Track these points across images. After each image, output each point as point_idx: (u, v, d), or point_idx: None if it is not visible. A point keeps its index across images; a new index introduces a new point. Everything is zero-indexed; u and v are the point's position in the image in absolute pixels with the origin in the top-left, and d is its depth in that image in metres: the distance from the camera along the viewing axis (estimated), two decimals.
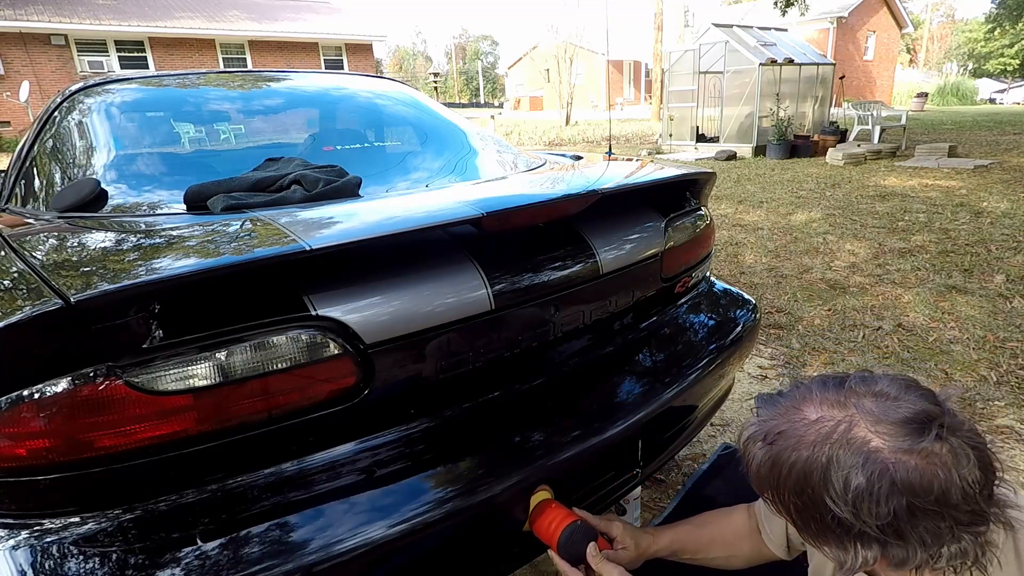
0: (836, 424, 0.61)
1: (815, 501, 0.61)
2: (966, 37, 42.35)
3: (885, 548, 0.59)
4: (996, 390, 2.25)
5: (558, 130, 17.85)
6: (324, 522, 0.85)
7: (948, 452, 0.58)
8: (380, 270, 0.98)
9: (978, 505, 0.58)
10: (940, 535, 0.58)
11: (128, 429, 0.79)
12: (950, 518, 0.57)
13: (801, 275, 3.69)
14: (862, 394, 0.63)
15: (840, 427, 0.61)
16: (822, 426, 0.62)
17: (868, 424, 0.60)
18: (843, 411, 0.62)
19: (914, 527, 0.58)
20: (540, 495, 1.04)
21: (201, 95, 1.90)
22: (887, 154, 8.98)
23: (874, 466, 0.58)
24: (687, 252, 1.52)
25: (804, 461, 0.61)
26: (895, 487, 0.57)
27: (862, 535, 0.60)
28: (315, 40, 18.93)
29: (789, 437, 0.63)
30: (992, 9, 24.43)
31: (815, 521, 0.63)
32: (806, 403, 0.65)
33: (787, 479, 0.63)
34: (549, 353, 1.23)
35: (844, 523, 0.60)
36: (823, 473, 0.60)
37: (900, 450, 0.58)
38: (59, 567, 0.76)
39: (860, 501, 0.58)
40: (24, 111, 14.02)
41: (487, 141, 2.00)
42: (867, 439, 0.59)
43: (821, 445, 0.61)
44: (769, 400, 0.69)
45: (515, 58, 39.43)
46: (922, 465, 0.57)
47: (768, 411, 0.68)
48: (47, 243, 1.06)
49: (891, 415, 0.60)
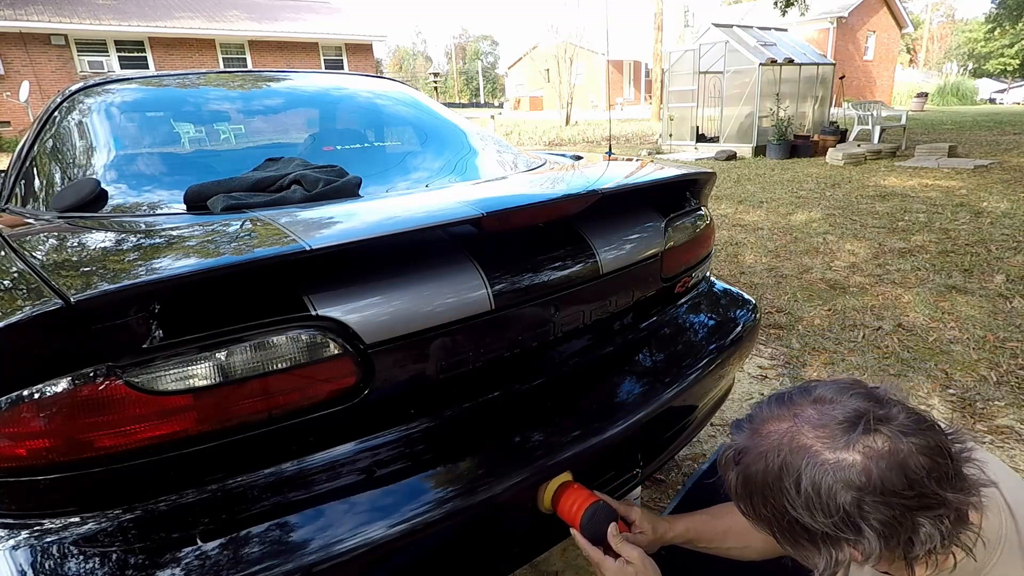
0: (782, 435, 0.66)
1: (779, 510, 0.65)
2: (966, 37, 42.36)
3: (849, 545, 0.63)
4: (996, 390, 2.25)
5: (558, 130, 17.85)
6: (324, 522, 0.85)
7: (884, 443, 0.62)
8: (380, 270, 0.98)
9: (927, 488, 0.61)
10: (895, 524, 0.61)
11: (128, 429, 0.79)
12: (899, 506, 0.60)
13: (801, 275, 3.69)
14: (803, 404, 0.69)
15: (786, 437, 0.66)
16: (773, 439, 0.67)
17: (808, 430, 0.65)
18: (788, 423, 0.67)
19: (865, 520, 0.61)
20: (562, 477, 1.06)
21: (201, 95, 1.90)
22: (887, 154, 8.99)
23: (816, 468, 0.62)
24: (687, 252, 1.52)
25: (763, 473, 0.66)
26: (837, 484, 0.61)
27: (825, 536, 0.63)
28: (315, 40, 18.93)
29: (750, 453, 0.69)
30: (992, 9, 24.43)
31: (787, 530, 0.67)
32: (763, 423, 0.70)
33: (754, 493, 0.68)
34: (549, 353, 1.23)
35: (807, 527, 0.64)
36: (778, 482, 0.65)
37: (838, 449, 0.63)
38: (59, 567, 0.76)
39: (811, 503, 0.62)
40: (24, 111, 14.02)
41: (487, 141, 2.00)
42: (809, 445, 0.64)
43: (774, 456, 0.66)
44: (738, 425, 0.75)
45: (515, 58, 39.44)
46: (860, 460, 0.61)
47: (737, 435, 0.73)
48: (47, 243, 1.06)
49: (827, 418, 0.65)
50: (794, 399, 0.70)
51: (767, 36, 10.87)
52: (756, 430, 0.70)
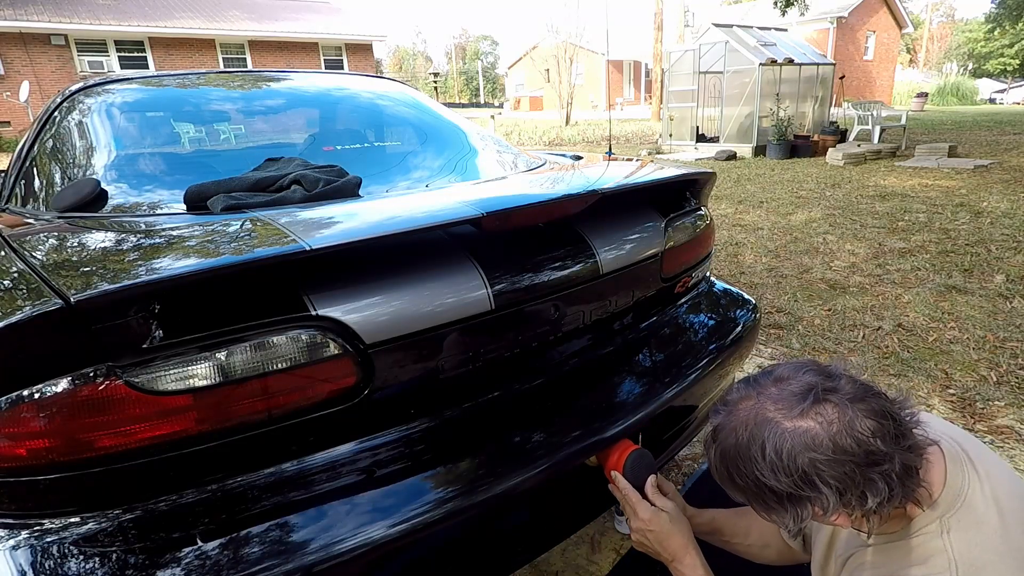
0: (749, 411, 0.76)
1: (750, 477, 0.74)
2: (966, 37, 42.31)
3: (810, 502, 0.71)
4: (996, 390, 2.25)
5: (558, 130, 17.84)
6: (324, 522, 0.85)
7: (833, 410, 0.71)
8: (380, 270, 0.98)
9: (873, 446, 0.70)
10: (847, 479, 0.69)
11: (128, 429, 0.79)
12: (849, 463, 0.69)
13: (801, 275, 3.69)
14: (766, 384, 0.78)
15: (752, 412, 0.76)
16: (741, 416, 0.77)
17: (770, 405, 0.75)
18: (754, 400, 0.77)
19: (821, 477, 0.70)
20: None
21: (201, 95, 1.90)
22: (887, 154, 8.98)
23: (777, 436, 0.72)
24: (687, 252, 1.52)
25: (735, 446, 0.76)
26: (795, 448, 0.71)
27: (790, 496, 0.72)
28: (315, 40, 18.93)
29: (724, 429, 0.78)
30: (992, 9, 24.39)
31: (759, 495, 0.75)
32: (735, 403, 0.79)
33: (729, 464, 0.77)
34: (549, 353, 1.23)
35: (774, 489, 0.72)
36: (747, 451, 0.74)
37: (794, 418, 0.72)
38: (59, 567, 0.76)
39: (775, 466, 0.71)
40: (24, 111, 14.02)
41: (487, 141, 2.00)
42: (771, 417, 0.74)
43: (743, 430, 0.75)
44: (715, 410, 0.83)
45: (515, 58, 39.39)
46: (813, 426, 0.71)
47: (715, 418, 0.82)
48: (47, 243, 1.06)
49: (785, 393, 0.75)
50: (759, 380, 0.80)
51: (767, 36, 10.87)
52: (729, 411, 0.79)
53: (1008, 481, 0.79)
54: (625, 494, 1.06)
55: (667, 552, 1.00)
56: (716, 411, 0.82)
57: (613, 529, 1.61)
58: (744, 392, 0.79)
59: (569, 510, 1.19)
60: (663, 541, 1.00)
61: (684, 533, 1.01)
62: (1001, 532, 0.73)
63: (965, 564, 0.72)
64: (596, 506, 1.26)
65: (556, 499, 1.15)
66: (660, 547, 1.01)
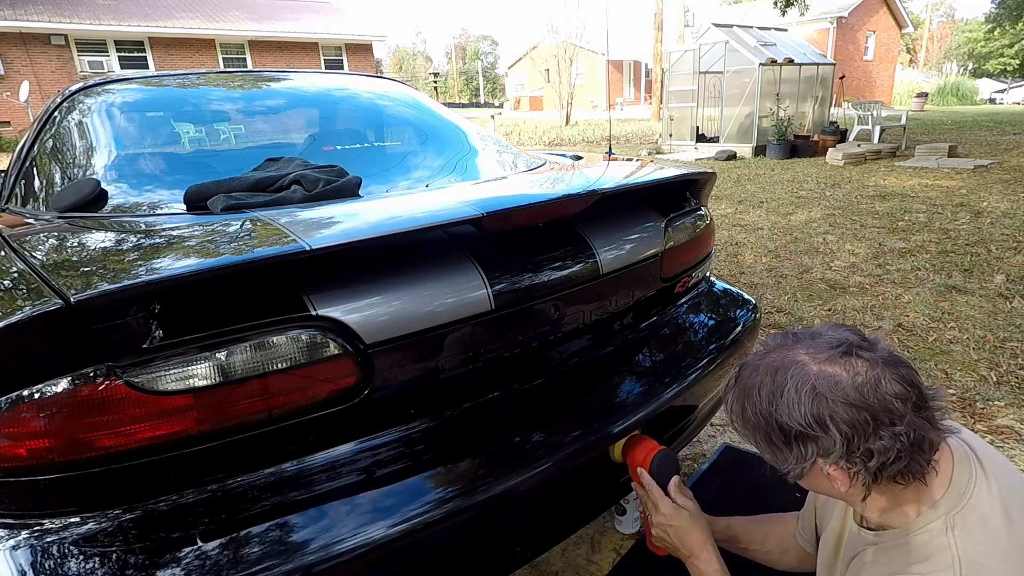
0: (778, 355, 0.79)
1: (764, 413, 0.76)
2: (966, 37, 42.29)
3: (816, 443, 0.73)
4: (996, 390, 2.25)
5: (558, 130, 17.84)
6: (324, 522, 0.85)
7: (863, 364, 0.73)
8: (380, 270, 0.98)
9: (894, 405, 0.71)
10: (858, 428, 0.70)
11: (128, 429, 0.79)
12: (865, 412, 0.70)
13: (801, 275, 3.69)
14: (802, 337, 0.81)
15: (780, 355, 0.79)
16: (770, 359, 0.79)
17: (800, 350, 0.77)
18: (787, 349, 0.80)
19: (834, 421, 0.71)
20: None
21: (201, 95, 1.90)
22: (887, 154, 8.98)
23: (801, 375, 0.74)
24: (687, 252, 1.52)
25: (758, 382, 0.78)
26: (816, 387, 0.72)
27: (798, 435, 0.74)
28: (315, 40, 18.93)
29: (748, 368, 0.82)
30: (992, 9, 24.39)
31: (768, 432, 0.77)
32: (765, 351, 0.82)
33: (746, 400, 0.79)
34: (549, 353, 1.23)
35: (783, 427, 0.74)
36: (768, 387, 0.76)
37: (822, 363, 0.74)
38: (59, 567, 0.76)
39: (792, 403, 0.73)
40: (24, 111, 14.02)
41: (487, 141, 2.00)
42: (799, 359, 0.76)
43: (768, 370, 0.78)
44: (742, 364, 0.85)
45: (515, 58, 39.39)
46: (838, 372, 0.73)
47: (742, 363, 0.85)
48: (47, 243, 1.06)
49: (819, 343, 0.77)
50: (795, 333, 0.82)
51: (767, 36, 10.87)
52: (759, 356, 0.82)
53: (1015, 482, 0.79)
54: (649, 490, 1.10)
55: (685, 548, 1.04)
56: (743, 363, 0.84)
57: (613, 529, 1.61)
58: (778, 341, 0.82)
59: (569, 510, 1.19)
60: (682, 536, 1.04)
61: (703, 530, 1.05)
62: (1007, 532, 0.73)
63: (969, 562, 0.71)
64: (596, 506, 1.26)
65: (556, 499, 1.15)
66: (679, 542, 1.04)
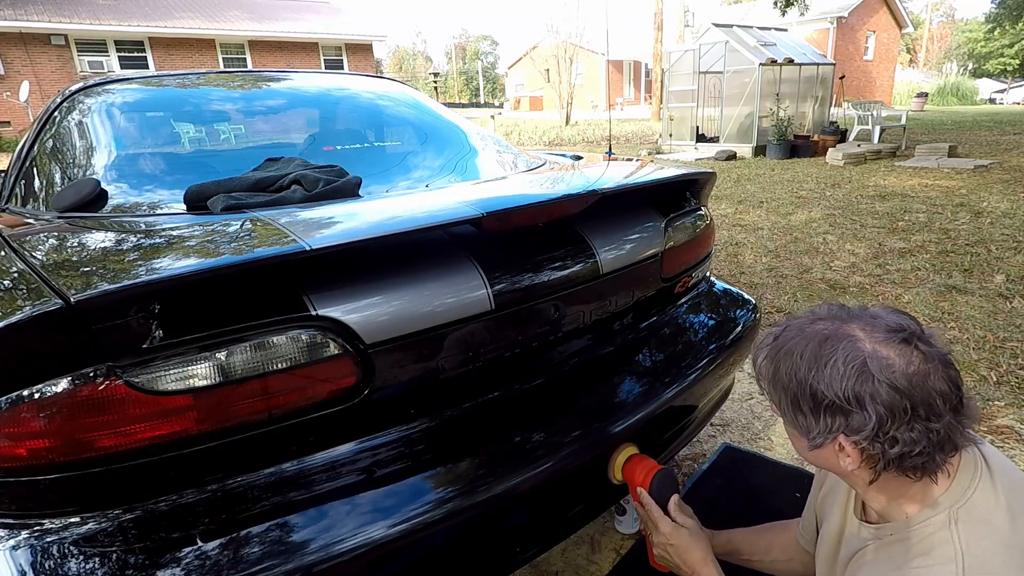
0: (831, 325, 0.77)
1: (800, 377, 0.75)
2: (966, 37, 42.28)
3: (847, 418, 0.72)
4: (996, 390, 2.25)
5: (558, 130, 17.84)
6: (324, 522, 0.85)
7: (918, 356, 0.71)
8: (380, 270, 0.98)
9: (936, 402, 0.70)
10: (893, 413, 0.70)
11: (128, 429, 0.79)
12: (907, 401, 0.69)
13: (801, 275, 3.69)
14: (859, 313, 0.79)
15: (833, 327, 0.76)
16: (824, 326, 0.77)
17: (857, 326, 0.75)
18: (840, 321, 0.77)
19: (875, 400, 0.70)
20: (629, 449, 1.17)
21: (201, 95, 1.90)
22: (887, 154, 8.98)
23: (853, 349, 0.72)
24: (687, 252, 1.52)
25: (801, 348, 0.76)
26: (867, 365, 0.71)
27: (831, 406, 0.73)
28: (315, 40, 18.92)
29: (791, 329, 0.79)
30: (992, 9, 24.40)
31: (798, 396, 0.75)
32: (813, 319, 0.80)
33: (783, 362, 0.78)
34: (549, 353, 1.23)
35: (818, 395, 0.73)
36: (812, 353, 0.75)
37: (877, 343, 0.73)
38: (59, 567, 0.76)
39: (837, 374, 0.72)
40: (24, 111, 14.02)
41: (487, 141, 2.00)
42: (854, 335, 0.74)
43: (816, 335, 0.76)
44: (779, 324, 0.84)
45: (515, 58, 39.38)
46: (893, 356, 0.71)
47: (781, 325, 0.83)
48: (47, 243, 1.06)
49: (878, 323, 0.75)
50: (849, 308, 0.80)
51: (767, 36, 10.87)
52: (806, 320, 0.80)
53: (1020, 483, 0.78)
54: (649, 509, 1.11)
55: (687, 565, 1.05)
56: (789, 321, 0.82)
57: (613, 529, 1.61)
58: (832, 312, 0.80)
59: (569, 510, 1.19)
60: (683, 554, 1.05)
61: (703, 548, 1.06)
62: (1010, 530, 0.72)
63: (971, 555, 0.71)
64: (596, 506, 1.26)
65: (556, 499, 1.15)
66: (680, 560, 1.06)
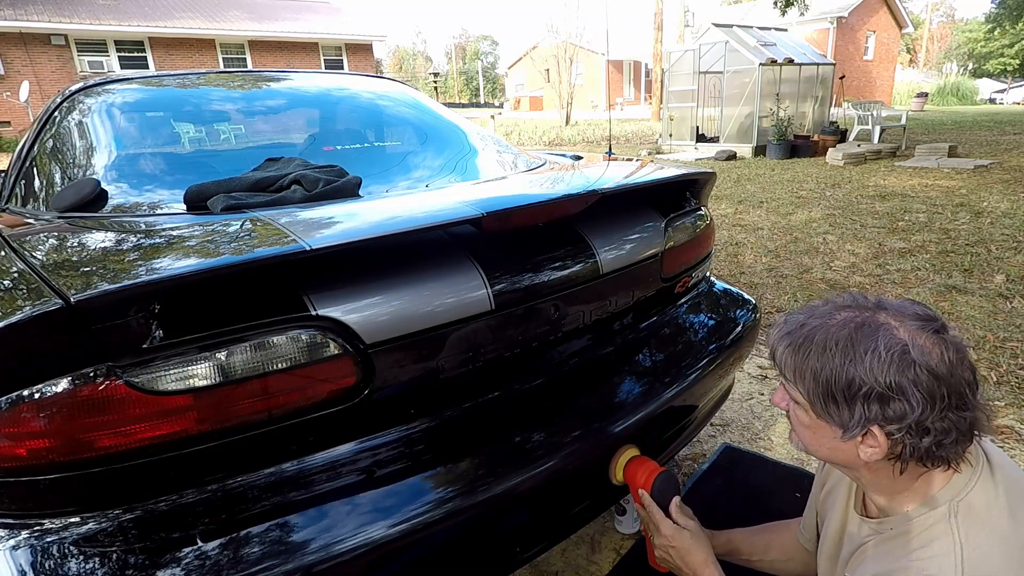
0: (859, 314, 0.76)
1: (835, 365, 0.74)
2: (966, 37, 42.27)
3: (887, 405, 0.71)
4: (996, 390, 2.25)
5: (558, 130, 17.84)
6: (324, 522, 0.85)
7: (950, 345, 0.72)
8: (380, 270, 0.98)
9: (966, 392, 0.71)
10: (934, 401, 0.69)
11: (128, 429, 0.79)
12: (944, 388, 0.70)
13: (801, 275, 3.69)
14: (881, 302, 0.78)
15: (866, 314, 0.76)
16: (851, 314, 0.77)
17: (887, 315, 0.75)
18: (867, 311, 0.77)
19: (917, 387, 0.70)
20: (630, 451, 1.17)
21: (201, 95, 1.90)
22: (887, 154, 8.98)
23: (892, 337, 0.72)
24: (687, 252, 1.52)
25: (834, 335, 0.75)
26: (907, 355, 0.70)
27: (869, 394, 0.72)
28: (315, 40, 18.92)
29: (815, 317, 0.79)
30: (992, 9, 24.39)
31: (830, 387, 0.74)
32: (835, 305, 0.80)
33: (814, 349, 0.76)
34: (549, 353, 1.23)
35: (855, 383, 0.72)
36: (849, 341, 0.74)
37: (911, 331, 0.72)
38: (59, 567, 0.76)
39: (878, 360, 0.71)
40: (24, 111, 14.02)
41: (487, 141, 2.00)
42: (888, 322, 0.74)
43: (847, 324, 0.75)
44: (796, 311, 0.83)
45: (515, 58, 39.38)
46: (929, 344, 0.71)
47: (798, 312, 0.82)
48: (47, 243, 1.06)
49: (906, 313, 0.75)
50: (875, 301, 0.79)
51: (767, 36, 10.87)
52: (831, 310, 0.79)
53: (1019, 477, 0.79)
54: (650, 511, 1.12)
55: (688, 567, 1.06)
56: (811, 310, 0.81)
57: (613, 529, 1.61)
58: (856, 302, 0.79)
59: (569, 510, 1.19)
60: (684, 556, 1.06)
61: (704, 549, 1.06)
62: (1010, 527, 0.73)
63: (971, 548, 0.71)
64: (596, 506, 1.26)
65: (556, 499, 1.15)
66: (682, 562, 1.06)
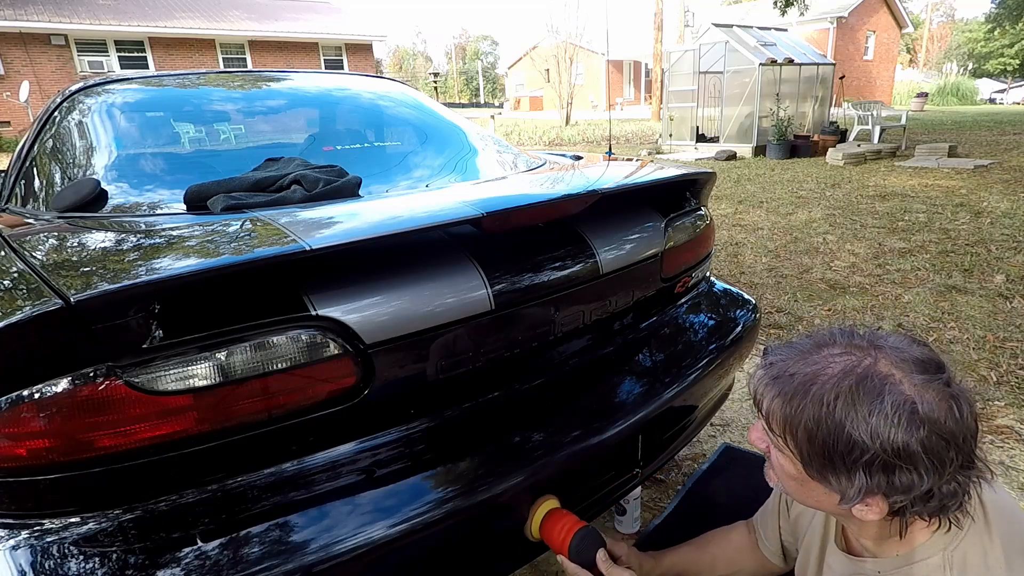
0: (860, 359, 0.67)
1: (832, 428, 0.65)
2: (966, 37, 42.31)
3: (893, 474, 0.63)
4: (996, 390, 2.25)
5: (558, 130, 17.83)
6: (324, 522, 0.85)
7: (957, 395, 0.64)
8: (380, 270, 0.98)
9: (971, 448, 0.65)
10: (943, 467, 0.63)
11: (128, 429, 0.79)
12: (952, 450, 0.63)
13: (801, 275, 3.69)
14: (877, 342, 0.69)
15: (865, 361, 0.66)
16: (847, 360, 0.67)
17: (890, 361, 0.66)
18: (864, 352, 0.68)
19: (926, 453, 0.62)
20: (548, 504, 1.05)
21: (201, 95, 1.90)
22: (887, 154, 8.98)
23: (897, 395, 0.63)
24: (687, 252, 1.52)
25: (829, 390, 0.65)
26: (915, 415, 0.62)
27: (872, 461, 0.63)
28: (315, 40, 18.93)
29: (813, 365, 0.68)
30: (992, 9, 24.42)
31: (827, 449, 0.66)
32: (825, 346, 0.71)
33: (807, 407, 0.67)
34: (549, 353, 1.23)
35: (857, 447, 0.64)
36: (847, 400, 0.64)
37: (919, 384, 0.64)
38: (59, 567, 0.76)
39: (881, 426, 0.62)
40: (24, 111, 14.02)
41: (487, 141, 2.00)
42: (890, 373, 0.65)
43: (846, 376, 0.65)
44: (781, 346, 0.74)
45: (515, 58, 39.38)
46: (936, 400, 0.63)
47: (783, 352, 0.72)
48: (47, 243, 1.06)
49: (908, 356, 0.66)
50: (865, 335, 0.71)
51: (767, 36, 10.87)
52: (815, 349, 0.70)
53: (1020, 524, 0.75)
54: (576, 574, 1.01)
55: None
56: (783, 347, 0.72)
57: (613, 529, 1.61)
58: (848, 340, 0.70)
59: (569, 509, 1.19)
60: None
61: None
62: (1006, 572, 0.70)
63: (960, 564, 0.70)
64: (596, 506, 1.26)
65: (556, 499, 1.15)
66: None
